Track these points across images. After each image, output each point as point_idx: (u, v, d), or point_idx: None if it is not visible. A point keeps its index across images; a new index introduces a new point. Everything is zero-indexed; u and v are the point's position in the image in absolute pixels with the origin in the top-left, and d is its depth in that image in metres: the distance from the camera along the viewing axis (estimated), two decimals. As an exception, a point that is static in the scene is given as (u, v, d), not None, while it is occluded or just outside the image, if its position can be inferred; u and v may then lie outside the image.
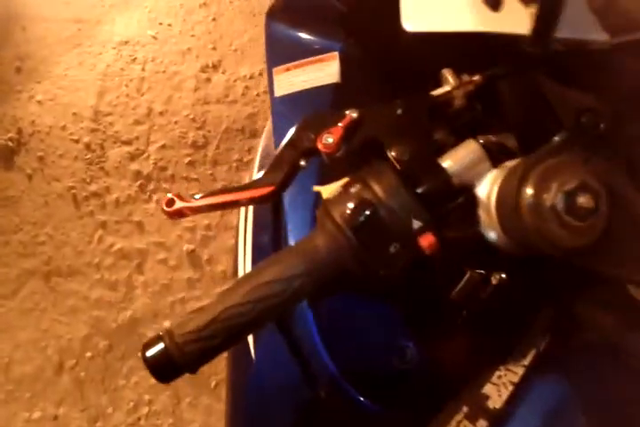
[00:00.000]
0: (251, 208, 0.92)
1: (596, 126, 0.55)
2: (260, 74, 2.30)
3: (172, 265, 1.94)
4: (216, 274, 1.89)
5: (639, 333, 0.60)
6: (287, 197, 0.74)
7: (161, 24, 2.47)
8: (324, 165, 0.60)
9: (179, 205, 0.56)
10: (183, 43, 2.40)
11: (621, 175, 0.51)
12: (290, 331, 0.71)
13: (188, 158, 2.13)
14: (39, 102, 2.25)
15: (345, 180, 0.54)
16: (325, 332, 0.68)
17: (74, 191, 2.08)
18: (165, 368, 0.47)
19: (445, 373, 0.67)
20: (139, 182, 2.08)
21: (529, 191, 0.47)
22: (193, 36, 2.43)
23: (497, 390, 0.62)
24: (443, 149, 0.55)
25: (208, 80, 2.31)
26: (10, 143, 2.14)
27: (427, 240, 0.49)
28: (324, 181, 0.66)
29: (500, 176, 0.51)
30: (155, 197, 2.07)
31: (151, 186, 2.09)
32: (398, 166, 0.53)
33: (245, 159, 2.13)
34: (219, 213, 2.05)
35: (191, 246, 1.96)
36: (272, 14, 0.90)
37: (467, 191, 0.53)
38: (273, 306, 0.50)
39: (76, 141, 2.16)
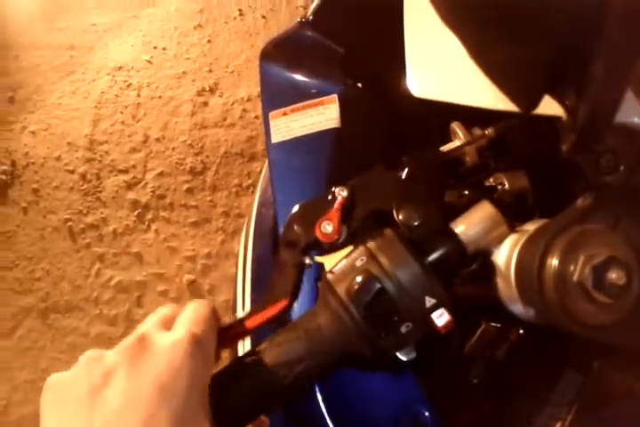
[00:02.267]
0: (249, 255, 0.87)
1: (616, 168, 0.50)
2: (258, 96, 2.25)
3: (172, 297, 1.87)
4: (218, 304, 1.82)
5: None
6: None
7: (155, 48, 2.43)
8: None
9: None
10: (178, 66, 2.36)
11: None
12: (294, 402, 0.66)
13: (187, 185, 2.08)
14: (33, 133, 2.20)
15: (349, 249, 0.48)
16: (332, 402, 0.63)
17: (70, 224, 2.03)
18: None
19: None
20: (136, 212, 2.03)
21: (554, 263, 0.41)
22: (188, 58, 2.39)
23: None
24: (454, 212, 0.49)
25: (205, 104, 2.26)
26: (3, 176, 2.09)
27: (441, 319, 0.44)
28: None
29: (519, 242, 0.45)
30: (153, 227, 2.01)
31: (149, 215, 2.04)
32: (407, 233, 0.48)
33: (245, 184, 2.07)
34: (218, 239, 1.99)
35: (192, 277, 1.89)
36: (266, 55, 0.85)
37: (483, 257, 0.48)
38: (274, 393, 0.45)
39: (72, 172, 2.11)
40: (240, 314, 0.89)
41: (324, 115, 0.74)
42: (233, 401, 0.44)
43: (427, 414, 0.60)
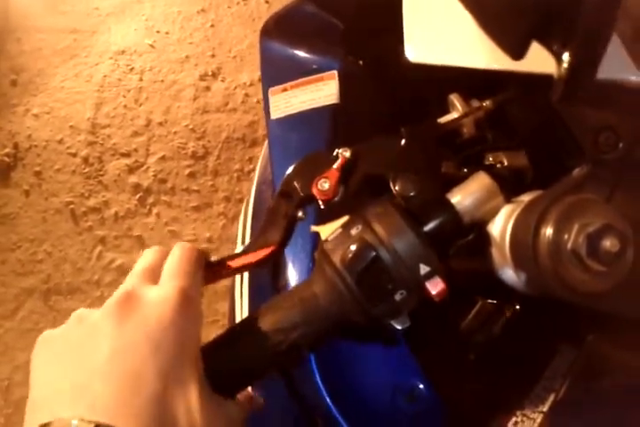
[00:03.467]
0: (248, 233, 0.88)
1: (615, 146, 0.51)
2: (260, 80, 2.24)
3: (173, 280, 1.88)
4: (219, 288, 1.83)
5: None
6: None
7: (158, 32, 2.42)
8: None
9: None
10: (181, 51, 2.36)
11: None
12: (289, 371, 0.67)
13: (189, 170, 2.08)
14: (35, 116, 2.20)
15: (345, 219, 0.48)
16: (327, 372, 0.63)
17: (72, 206, 2.03)
18: None
19: (457, 415, 0.61)
20: (138, 196, 2.04)
21: (548, 231, 0.42)
22: (191, 43, 2.39)
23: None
24: (451, 183, 0.49)
25: (207, 88, 2.26)
26: (6, 159, 2.10)
27: (435, 287, 0.44)
28: (322, 218, 0.61)
29: (514, 212, 0.46)
30: (155, 211, 2.02)
31: (151, 199, 2.04)
32: (403, 203, 0.48)
33: (246, 169, 2.07)
34: (219, 224, 2.00)
35: (193, 261, 1.90)
36: (266, 32, 0.85)
37: (478, 228, 0.48)
38: (269, 360, 0.46)
39: (74, 155, 2.11)
40: (238, 293, 0.90)
41: (323, 91, 0.74)
42: (228, 366, 0.45)
43: (421, 386, 0.61)
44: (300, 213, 0.53)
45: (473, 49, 0.52)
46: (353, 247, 0.44)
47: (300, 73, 0.77)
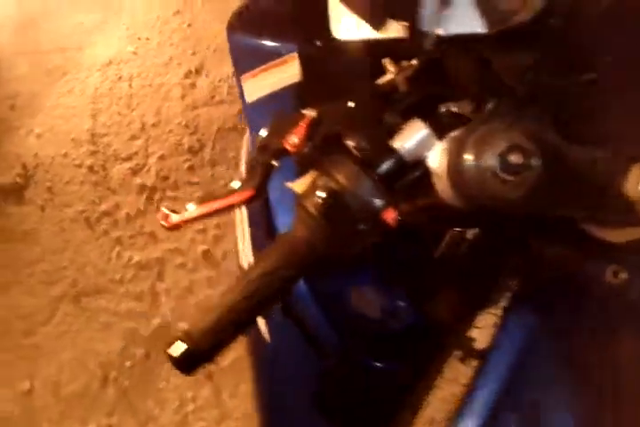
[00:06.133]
0: (244, 209, 0.98)
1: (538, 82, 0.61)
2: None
3: (190, 268, 1.99)
4: (233, 268, 1.93)
5: (593, 261, 0.65)
6: (272, 196, 0.81)
7: (139, 39, 2.51)
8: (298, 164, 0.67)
9: (174, 218, 0.65)
10: (163, 53, 2.45)
11: (550, 130, 0.57)
12: (294, 311, 0.77)
13: (188, 164, 2.18)
14: (38, 135, 2.32)
15: (312, 174, 0.59)
16: (325, 306, 0.76)
17: (86, 214, 2.15)
18: (189, 363, 0.54)
19: (437, 325, 0.74)
20: (145, 195, 2.14)
21: (468, 157, 0.52)
22: (172, 44, 2.48)
23: (481, 333, 0.68)
24: (393, 132, 0.59)
25: (193, 85, 2.35)
26: (18, 179, 2.22)
27: (389, 215, 0.55)
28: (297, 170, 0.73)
29: (445, 147, 0.56)
30: (162, 206, 2.12)
31: (157, 196, 2.15)
32: (357, 154, 0.58)
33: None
34: (226, 211, 2.09)
35: (205, 247, 2.00)
36: (231, 27, 0.95)
37: (421, 165, 0.58)
38: (266, 297, 0.56)
39: (79, 166, 2.23)
40: (243, 252, 1.00)
41: (287, 71, 0.82)
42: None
43: (402, 304, 0.74)
44: (274, 163, 0.62)
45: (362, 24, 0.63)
46: (320, 193, 0.55)
47: (266, 59, 0.85)
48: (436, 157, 0.57)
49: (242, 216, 0.94)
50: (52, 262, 2.11)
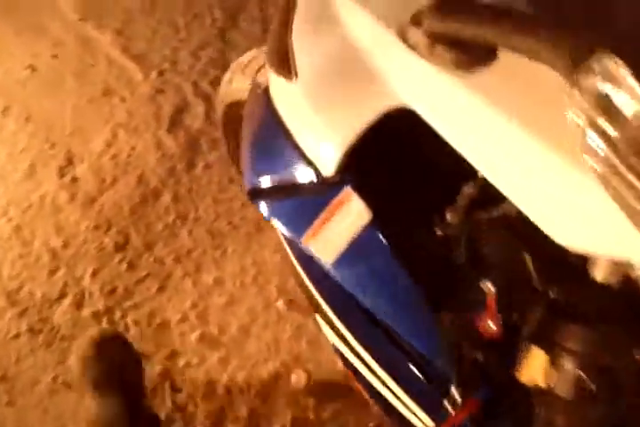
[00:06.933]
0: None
1: None
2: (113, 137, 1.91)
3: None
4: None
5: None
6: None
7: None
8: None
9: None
10: (20, 163, 2.06)
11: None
12: None
13: (124, 262, 1.80)
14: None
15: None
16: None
17: (62, 378, 1.69)
18: None
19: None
20: (104, 321, 1.72)
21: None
22: (23, 150, 2.09)
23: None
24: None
25: (75, 179, 1.96)
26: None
27: None
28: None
29: None
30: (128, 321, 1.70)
31: (117, 315, 1.72)
32: None
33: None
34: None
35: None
36: (255, 197, 0.87)
37: None
38: None
39: (17, 336, 1.76)
40: None
41: (351, 212, 0.70)
42: None
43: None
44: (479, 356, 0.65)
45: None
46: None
47: (314, 213, 0.73)
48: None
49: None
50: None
